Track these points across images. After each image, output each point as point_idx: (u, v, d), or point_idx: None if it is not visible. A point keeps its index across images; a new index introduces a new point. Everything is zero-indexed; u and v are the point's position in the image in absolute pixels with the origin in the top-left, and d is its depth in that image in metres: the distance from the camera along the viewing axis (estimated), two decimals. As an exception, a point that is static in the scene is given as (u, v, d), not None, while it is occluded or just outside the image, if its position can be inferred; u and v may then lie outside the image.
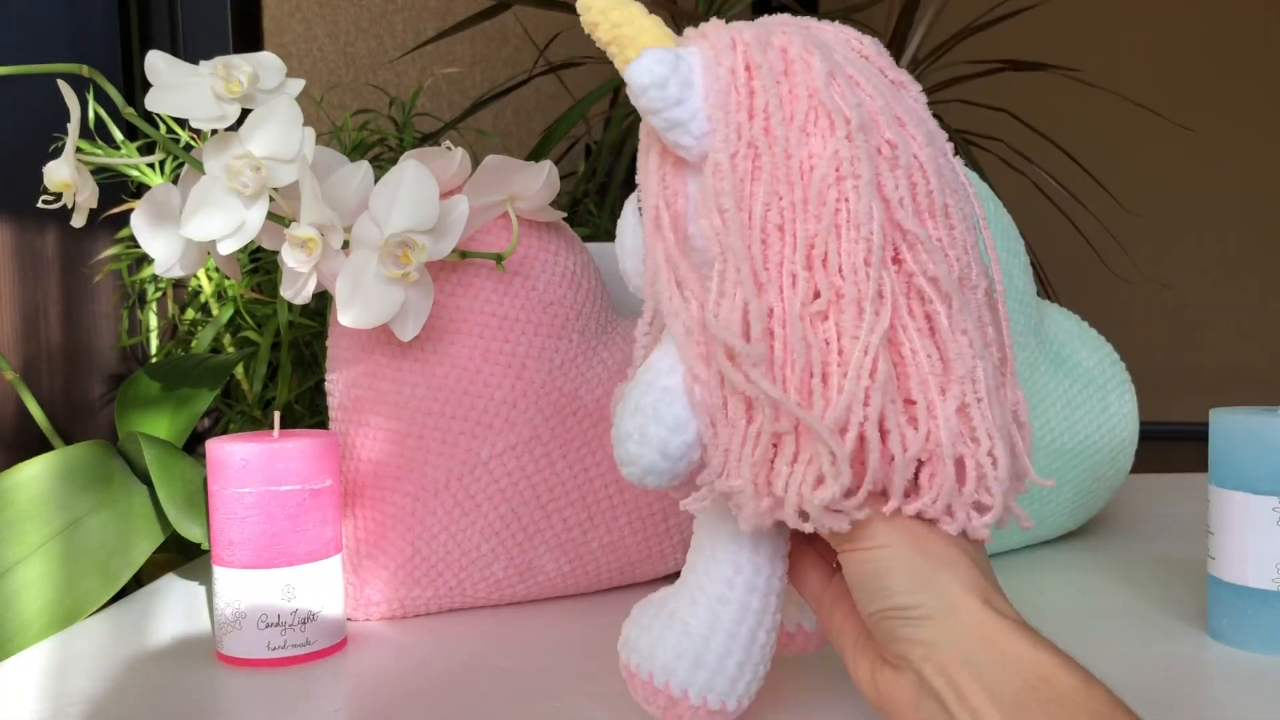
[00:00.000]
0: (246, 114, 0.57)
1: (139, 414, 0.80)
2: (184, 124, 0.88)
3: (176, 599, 0.67)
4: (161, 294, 1.04)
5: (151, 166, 0.97)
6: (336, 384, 0.63)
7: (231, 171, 0.55)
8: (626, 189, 1.27)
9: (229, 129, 0.56)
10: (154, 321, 1.05)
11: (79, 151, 0.59)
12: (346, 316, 0.56)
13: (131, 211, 0.62)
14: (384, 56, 1.60)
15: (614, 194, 1.28)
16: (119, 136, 0.96)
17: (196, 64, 0.57)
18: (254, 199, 0.56)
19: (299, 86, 0.59)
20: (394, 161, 0.78)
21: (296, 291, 0.58)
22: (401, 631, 0.60)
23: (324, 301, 0.94)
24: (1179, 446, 1.36)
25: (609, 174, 1.32)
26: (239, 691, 0.52)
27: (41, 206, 0.60)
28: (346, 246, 0.57)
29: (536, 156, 1.08)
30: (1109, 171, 1.78)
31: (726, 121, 0.39)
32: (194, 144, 0.86)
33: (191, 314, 1.03)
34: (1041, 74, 1.55)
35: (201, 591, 0.68)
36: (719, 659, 0.42)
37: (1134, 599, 0.63)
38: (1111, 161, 1.99)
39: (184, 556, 0.81)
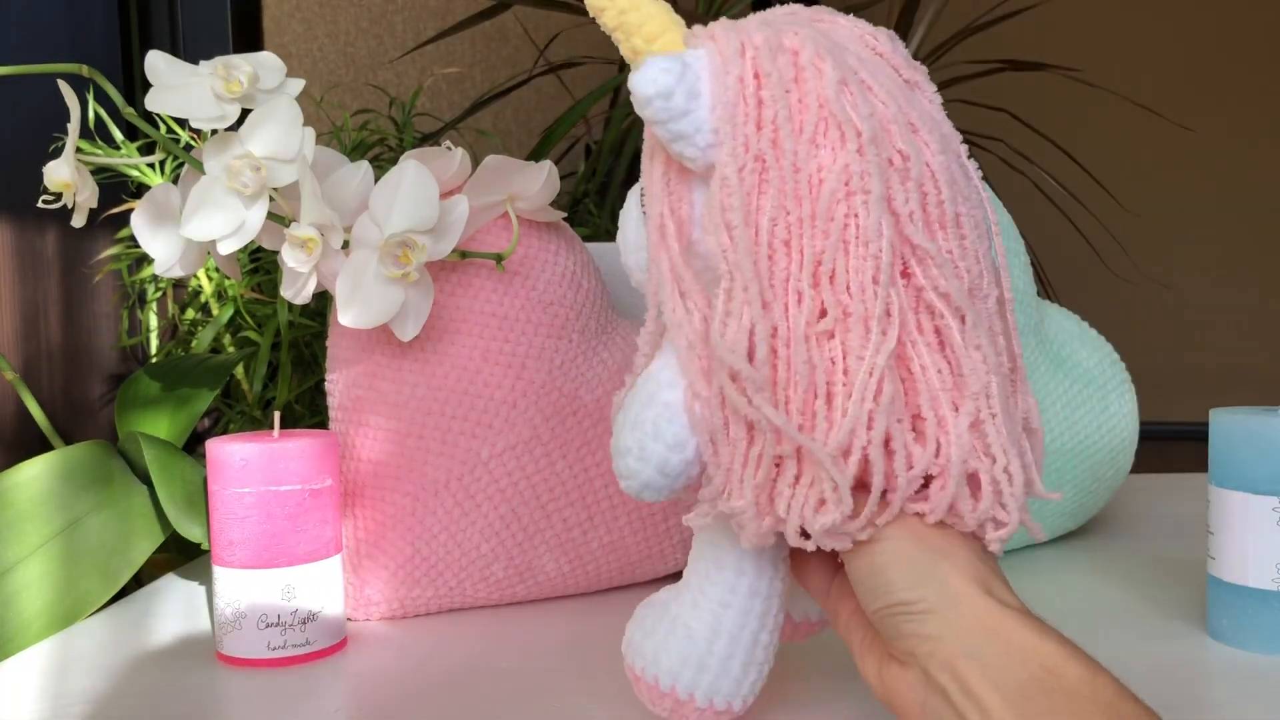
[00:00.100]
0: (246, 114, 0.57)
1: (139, 414, 0.80)
2: (184, 124, 0.88)
3: (176, 599, 0.67)
4: (161, 294, 1.04)
5: (151, 166, 0.97)
6: (336, 384, 0.63)
7: (231, 171, 0.55)
8: (626, 189, 1.27)
9: (229, 129, 0.56)
10: (154, 321, 1.05)
11: (79, 151, 0.59)
12: (346, 316, 0.56)
13: (131, 211, 0.62)
14: (384, 56, 1.60)
15: (614, 194, 1.28)
16: (119, 136, 0.96)
17: (196, 64, 0.57)
18: (254, 199, 0.56)
19: (299, 86, 0.59)
20: (394, 161, 0.78)
21: (296, 291, 0.58)
22: (401, 631, 0.60)
23: (324, 301, 0.94)
24: (1179, 446, 1.36)
25: (609, 174, 1.32)
26: (239, 691, 0.52)
27: (41, 206, 0.60)
28: (346, 246, 0.57)
29: (536, 156, 1.08)
30: (1109, 171, 1.78)
31: (734, 134, 0.38)
32: (194, 144, 0.86)
33: (191, 314, 1.03)
34: (1041, 74, 1.55)
35: (201, 591, 0.68)
36: (723, 662, 0.42)
37: (1134, 599, 0.63)
38: (1111, 161, 1.99)
39: (184, 556, 0.81)
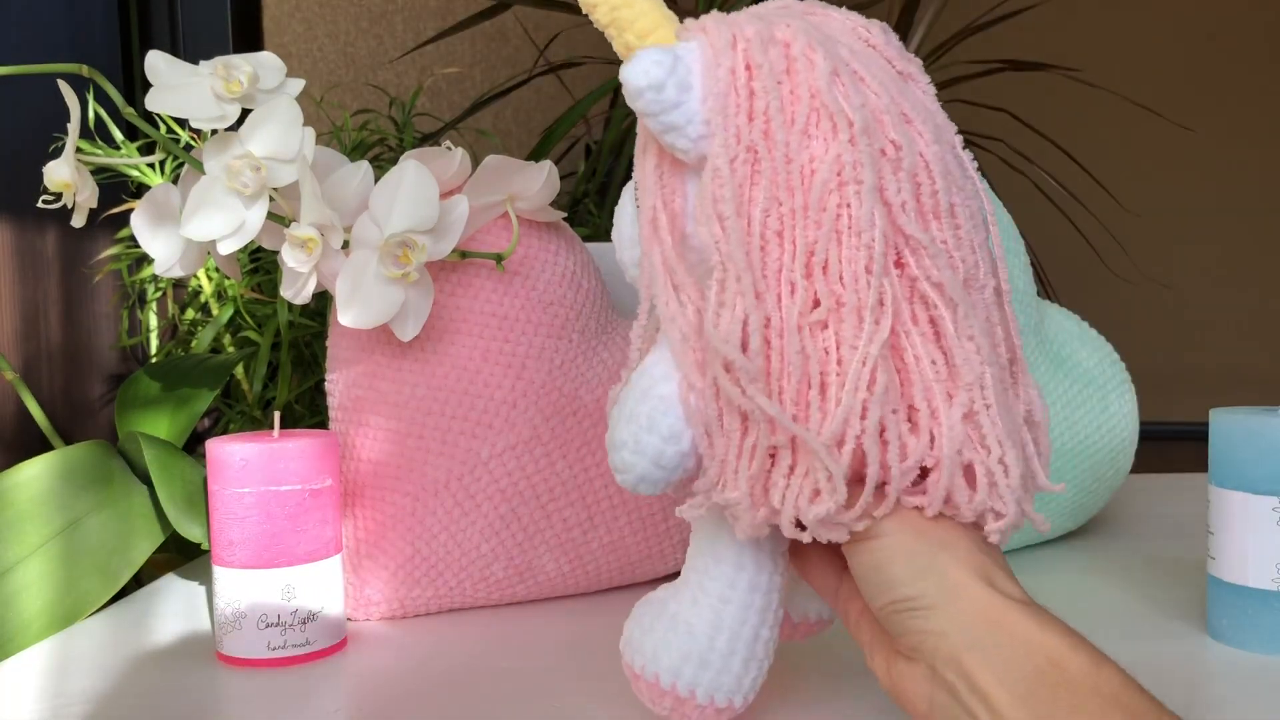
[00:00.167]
0: (246, 114, 0.57)
1: (139, 414, 0.80)
2: (184, 124, 0.88)
3: (176, 599, 0.67)
4: (161, 294, 1.04)
5: (151, 166, 0.97)
6: (336, 384, 0.63)
7: (231, 171, 0.55)
8: (626, 189, 1.27)
9: (229, 129, 0.56)
10: (154, 321, 1.05)
11: (79, 151, 0.59)
12: (346, 316, 0.56)
13: (131, 211, 0.62)
14: (384, 56, 1.60)
15: (614, 194, 1.28)
16: (119, 136, 0.96)
17: (196, 64, 0.57)
18: (254, 199, 0.56)
19: (299, 86, 0.59)
20: (394, 161, 0.78)
21: (296, 291, 0.58)
22: (401, 631, 0.60)
23: (324, 301, 0.94)
24: (1179, 446, 1.35)
25: (609, 174, 1.32)
26: (239, 691, 0.52)
27: (41, 206, 0.60)
28: (346, 246, 0.57)
29: (536, 156, 1.08)
30: (1109, 171, 1.78)
31: (725, 125, 0.38)
32: (194, 144, 0.86)
33: (191, 314, 1.03)
34: (1041, 74, 1.55)
35: (201, 591, 0.68)
36: (724, 658, 0.42)
37: (1134, 599, 0.63)
38: (1111, 161, 1.99)
39: (184, 556, 0.81)
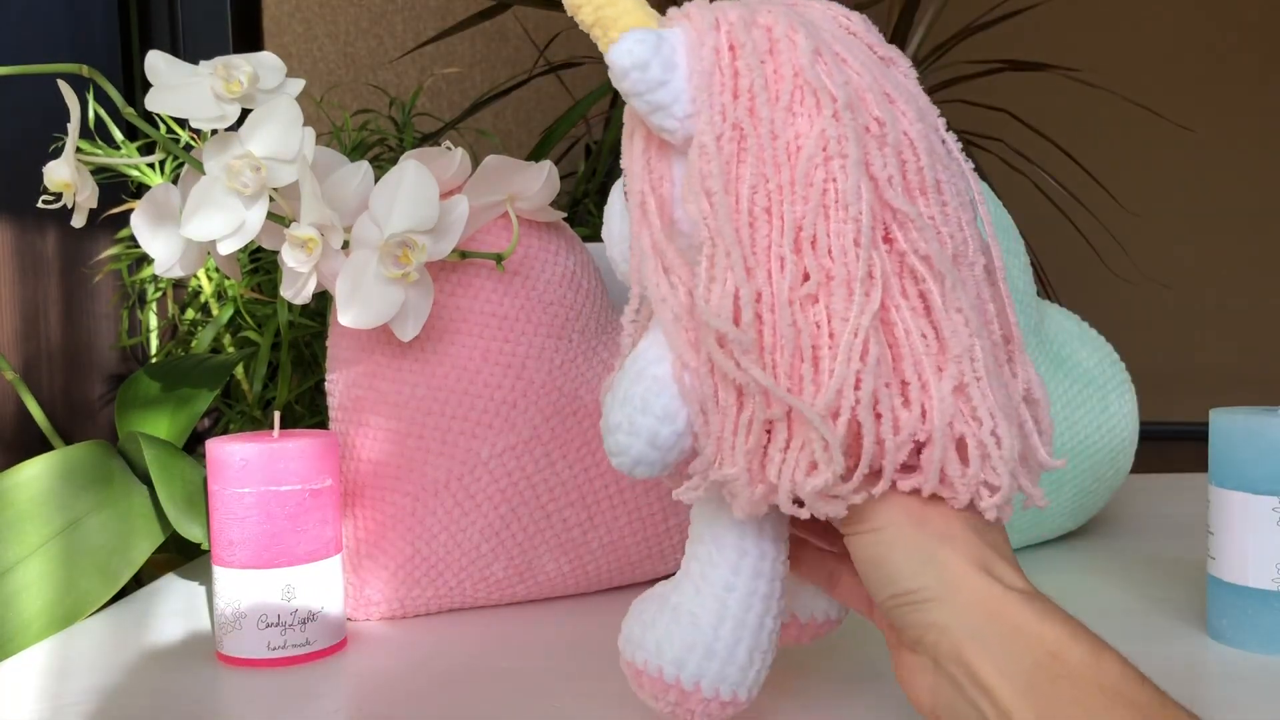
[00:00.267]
0: (246, 114, 0.57)
1: (139, 414, 0.80)
2: (184, 124, 0.88)
3: (176, 599, 0.67)
4: (161, 294, 1.04)
5: (151, 166, 0.97)
6: (336, 384, 0.63)
7: (231, 171, 0.55)
8: (626, 189, 1.27)
9: (229, 129, 0.56)
10: (154, 321, 1.05)
11: (79, 151, 0.59)
12: (346, 316, 0.56)
13: (131, 211, 0.62)
14: (384, 56, 1.60)
15: (614, 194, 1.28)
16: (119, 136, 0.96)
17: (196, 64, 0.57)
18: (254, 199, 0.56)
19: (299, 86, 0.59)
20: (394, 161, 0.78)
21: (296, 291, 0.58)
22: (401, 631, 0.60)
23: (324, 301, 0.94)
24: (1179, 446, 1.35)
25: (609, 174, 1.32)
26: (239, 691, 0.52)
27: (41, 206, 0.60)
28: (346, 246, 0.57)
29: (536, 156, 1.08)
30: (1109, 171, 1.79)
31: (711, 103, 0.39)
32: (194, 144, 0.86)
33: (191, 314, 1.03)
34: (1041, 74, 1.55)
35: (201, 591, 0.68)
36: (729, 648, 0.42)
37: (1134, 599, 0.63)
38: (1111, 161, 1.99)
39: (184, 556, 0.81)
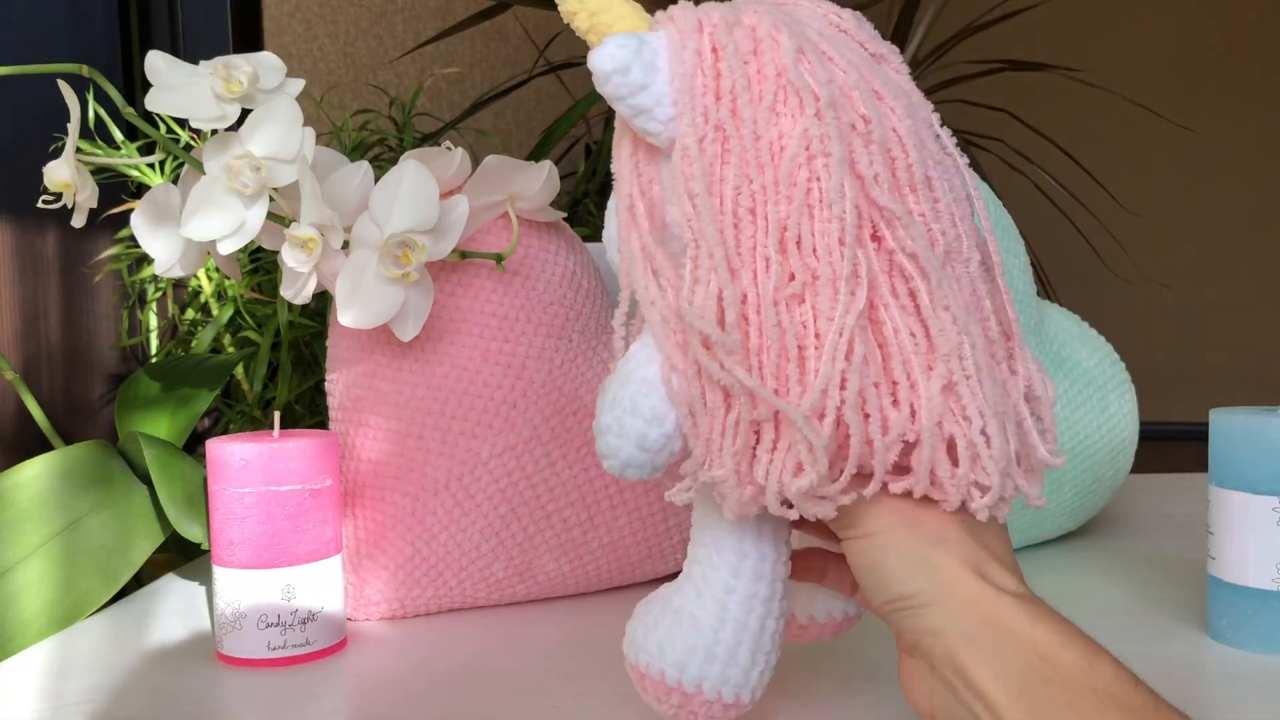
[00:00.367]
0: (246, 114, 0.57)
1: (139, 414, 0.80)
2: (184, 124, 0.88)
3: (176, 599, 0.67)
4: (161, 294, 1.04)
5: (151, 166, 0.97)
6: (336, 384, 0.63)
7: (231, 171, 0.55)
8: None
9: (229, 129, 0.56)
10: (154, 321, 1.05)
11: (79, 151, 0.59)
12: (346, 316, 0.56)
13: (131, 211, 0.62)
14: (384, 56, 1.60)
15: (614, 194, 1.28)
16: (119, 136, 0.96)
17: (196, 64, 0.57)
18: (254, 199, 0.56)
19: (299, 86, 0.59)
20: (394, 161, 0.78)
21: (296, 291, 0.58)
22: (401, 631, 0.60)
23: (324, 301, 0.94)
24: (1179, 446, 1.35)
25: (609, 174, 1.32)
26: (239, 691, 0.52)
27: (41, 206, 0.60)
28: (346, 246, 0.57)
29: (536, 156, 1.08)
30: (1109, 171, 1.78)
31: (693, 105, 0.39)
32: (194, 144, 0.86)
33: (191, 314, 1.03)
34: (1041, 74, 1.55)
35: (201, 591, 0.68)
36: (730, 650, 0.42)
37: (1134, 599, 0.63)
38: (1111, 161, 1.99)
39: (184, 556, 0.81)
